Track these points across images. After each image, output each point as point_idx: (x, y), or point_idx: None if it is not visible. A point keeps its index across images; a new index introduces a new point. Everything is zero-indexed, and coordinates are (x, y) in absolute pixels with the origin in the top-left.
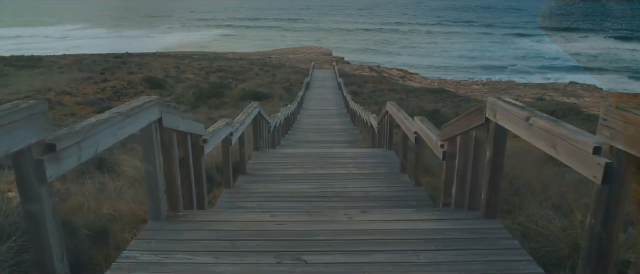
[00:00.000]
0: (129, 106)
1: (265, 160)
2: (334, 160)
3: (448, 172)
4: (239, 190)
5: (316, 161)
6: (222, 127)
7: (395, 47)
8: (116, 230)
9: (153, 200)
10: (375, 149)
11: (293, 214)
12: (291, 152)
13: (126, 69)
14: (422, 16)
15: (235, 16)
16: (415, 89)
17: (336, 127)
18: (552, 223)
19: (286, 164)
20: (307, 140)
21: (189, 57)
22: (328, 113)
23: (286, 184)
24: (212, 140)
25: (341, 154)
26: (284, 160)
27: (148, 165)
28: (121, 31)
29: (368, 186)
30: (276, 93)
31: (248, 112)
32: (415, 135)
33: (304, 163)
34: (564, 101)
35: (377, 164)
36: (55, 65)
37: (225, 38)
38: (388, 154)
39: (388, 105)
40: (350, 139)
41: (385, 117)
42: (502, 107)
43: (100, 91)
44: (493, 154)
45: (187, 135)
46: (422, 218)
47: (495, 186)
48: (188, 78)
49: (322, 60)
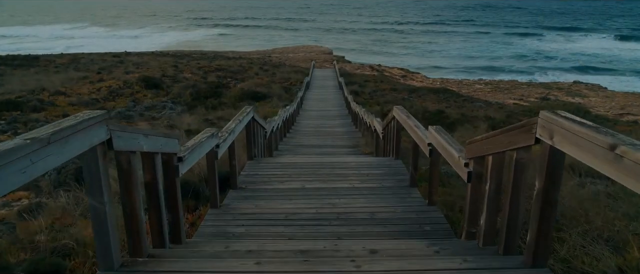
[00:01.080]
0: (55, 127)
1: (259, 171)
2: (335, 171)
3: (474, 196)
4: (227, 210)
5: (316, 173)
6: (206, 139)
7: (395, 47)
8: (75, 266)
9: (101, 245)
10: (380, 159)
11: (284, 262)
12: (288, 162)
13: (123, 68)
14: (422, 15)
15: (234, 16)
16: (417, 88)
17: (337, 130)
18: (604, 260)
19: (282, 176)
20: (307, 144)
21: (188, 56)
22: (329, 115)
23: (281, 201)
24: (190, 157)
25: (343, 164)
26: (281, 171)
27: (93, 200)
28: (120, 30)
29: (374, 205)
30: (275, 93)
31: (239, 118)
32: (430, 147)
33: (302, 175)
34: (569, 100)
35: (383, 177)
36: (51, 65)
37: (224, 37)
38: (395, 165)
39: (395, 110)
40: (352, 144)
41: (391, 123)
42: (567, 128)
43: (96, 91)
44: (546, 185)
45: (154, 155)
46: (449, 268)
47: (548, 227)
48: (186, 78)
49: (323, 60)
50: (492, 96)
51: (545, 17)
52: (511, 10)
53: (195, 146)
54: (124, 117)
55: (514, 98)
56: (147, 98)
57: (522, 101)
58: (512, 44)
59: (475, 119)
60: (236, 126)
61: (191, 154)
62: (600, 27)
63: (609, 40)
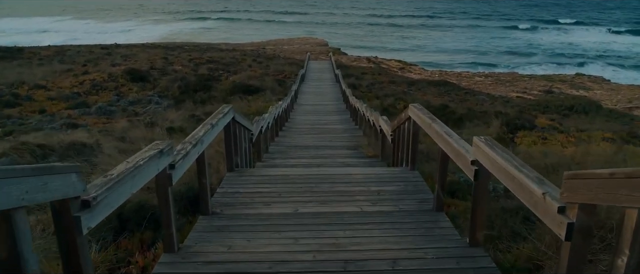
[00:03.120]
0: None
1: (241, 187)
2: (337, 187)
3: (574, 258)
4: (187, 256)
5: (312, 190)
6: (147, 160)
7: (390, 39)
8: None
9: None
10: (392, 169)
11: None
12: (278, 175)
13: (111, 60)
14: (415, 8)
15: (227, 8)
16: (416, 81)
17: (335, 127)
18: None
19: (270, 196)
20: (302, 145)
21: (180, 48)
22: (325, 109)
23: (266, 239)
24: (110, 198)
25: (347, 177)
26: (268, 187)
27: None
28: (111, 22)
29: (394, 243)
30: (268, 86)
31: (212, 122)
32: (475, 168)
33: (294, 193)
34: (573, 93)
35: (399, 195)
36: (35, 57)
37: (216, 29)
38: (412, 179)
39: (412, 109)
40: (353, 143)
41: (405, 124)
42: None
43: (79, 84)
44: None
45: (12, 214)
46: None
47: None
48: (175, 70)
49: (318, 52)
50: (494, 89)
51: (540, 8)
52: (506, 1)
53: (123, 177)
54: (105, 113)
55: (517, 91)
56: (132, 92)
57: (525, 94)
58: (507, 35)
59: (484, 114)
60: (207, 133)
61: (111, 190)
62: (596, 19)
63: (604, 33)
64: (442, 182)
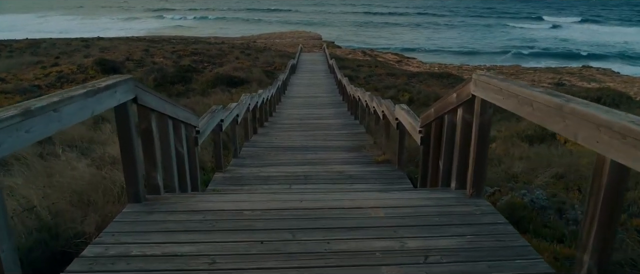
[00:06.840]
0: None
1: (133, 248)
2: (339, 245)
3: None
4: None
5: (291, 252)
6: None
7: (385, 34)
8: None
9: None
10: (430, 193)
11: None
12: (227, 210)
13: (87, 52)
14: (409, 5)
15: (221, 7)
16: (416, 73)
17: (331, 122)
18: None
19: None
20: (286, 146)
21: (165, 42)
22: (318, 102)
23: None
24: None
25: (359, 214)
26: (197, 245)
27: None
28: (98, 17)
29: None
30: (255, 78)
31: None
32: None
33: (258, 259)
34: (586, 86)
35: (468, 267)
36: (5, 49)
37: (206, 24)
38: (484, 219)
39: (482, 81)
40: (355, 143)
41: (460, 113)
42: None
43: (44, 76)
44: None
45: None
46: None
47: None
48: (155, 62)
49: (312, 45)
50: None
51: (537, 3)
52: None
53: None
54: None
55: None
56: None
57: None
58: (502, 31)
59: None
60: None
61: None
62: (593, 13)
63: (603, 26)
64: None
